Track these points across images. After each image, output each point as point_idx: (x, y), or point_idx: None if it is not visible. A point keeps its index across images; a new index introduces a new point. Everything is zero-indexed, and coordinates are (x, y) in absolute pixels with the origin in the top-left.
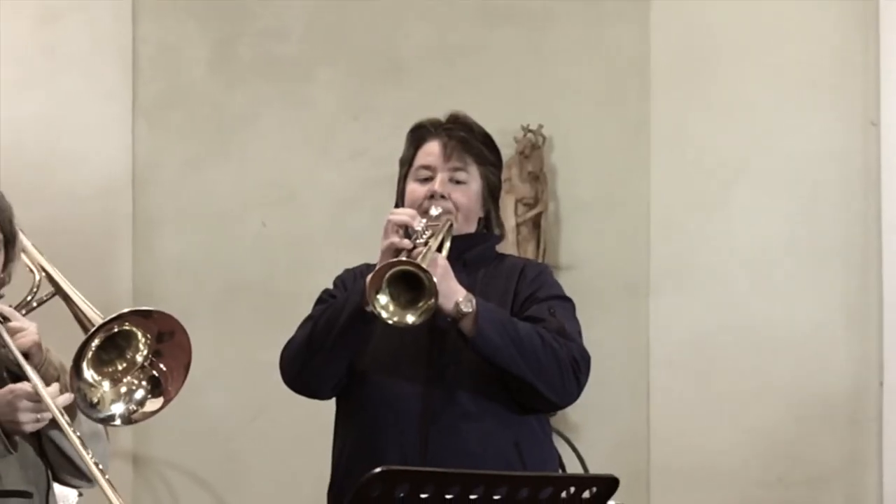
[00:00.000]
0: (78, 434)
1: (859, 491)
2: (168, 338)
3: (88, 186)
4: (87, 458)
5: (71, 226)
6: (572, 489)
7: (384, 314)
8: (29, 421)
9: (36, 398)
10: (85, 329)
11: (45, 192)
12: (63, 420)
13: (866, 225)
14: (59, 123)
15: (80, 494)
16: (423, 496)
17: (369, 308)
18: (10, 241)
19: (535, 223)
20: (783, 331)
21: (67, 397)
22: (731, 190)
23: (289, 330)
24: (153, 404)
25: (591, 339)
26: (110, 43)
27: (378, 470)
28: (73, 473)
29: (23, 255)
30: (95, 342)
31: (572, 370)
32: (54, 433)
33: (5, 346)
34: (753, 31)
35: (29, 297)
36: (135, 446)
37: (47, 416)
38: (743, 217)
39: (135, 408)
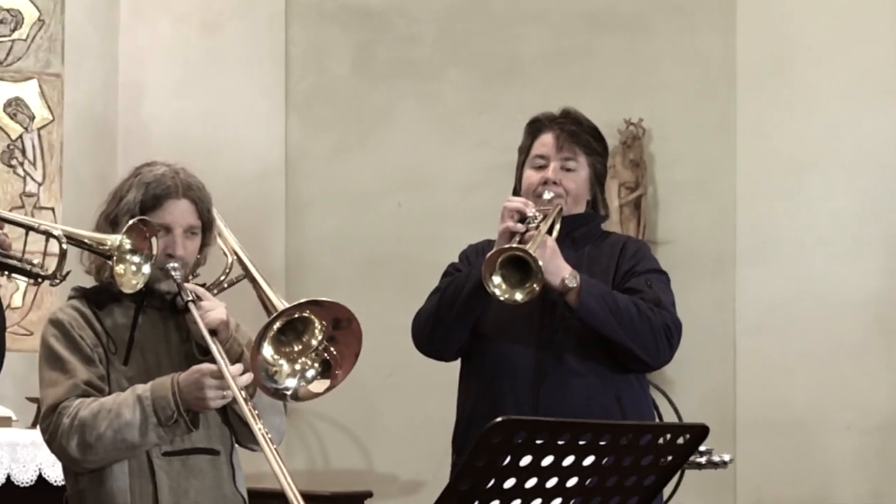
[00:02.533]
0: (256, 410)
1: None
2: (345, 325)
3: (247, 172)
4: (258, 431)
5: (231, 207)
6: (668, 436)
7: (497, 293)
8: (214, 398)
9: (220, 377)
10: (269, 312)
11: (209, 177)
12: (242, 398)
13: None
14: (221, 117)
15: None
16: (537, 442)
17: (487, 288)
18: (208, 227)
19: (636, 204)
20: (853, 296)
21: (248, 377)
22: (807, 174)
23: (420, 297)
24: (320, 385)
25: (685, 305)
26: (265, 47)
27: (499, 419)
28: (251, 440)
29: (218, 240)
30: (277, 325)
31: (665, 336)
32: (237, 405)
33: (195, 322)
34: (826, 36)
35: (221, 278)
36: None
37: (230, 393)
38: (817, 198)
39: (305, 384)
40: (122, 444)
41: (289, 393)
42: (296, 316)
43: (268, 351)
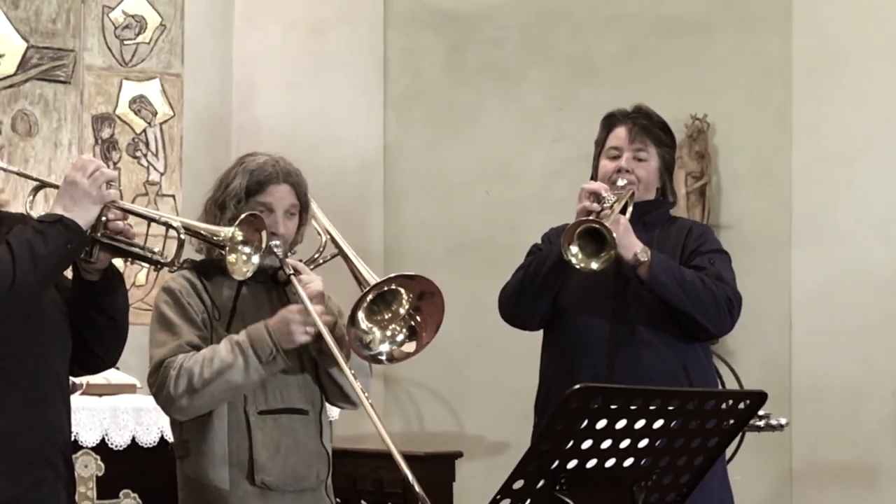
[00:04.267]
0: (350, 367)
1: None
2: (429, 297)
3: (349, 165)
4: (356, 384)
5: (335, 196)
6: (730, 401)
7: (574, 261)
8: (299, 332)
9: (305, 314)
10: (361, 286)
11: (315, 168)
12: (325, 330)
13: None
14: (326, 115)
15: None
16: (612, 407)
17: (565, 257)
18: (305, 209)
19: (701, 192)
20: None
21: (329, 318)
22: (856, 164)
23: (504, 276)
24: (409, 348)
25: (745, 283)
26: (366, 50)
27: (577, 386)
28: (340, 398)
29: (313, 221)
30: (369, 297)
31: (727, 307)
32: (328, 363)
33: (296, 293)
34: (875, 37)
35: (316, 255)
36: (385, 369)
37: (313, 329)
38: (867, 186)
39: (397, 346)
40: (227, 384)
41: (383, 357)
42: (385, 289)
43: (362, 321)
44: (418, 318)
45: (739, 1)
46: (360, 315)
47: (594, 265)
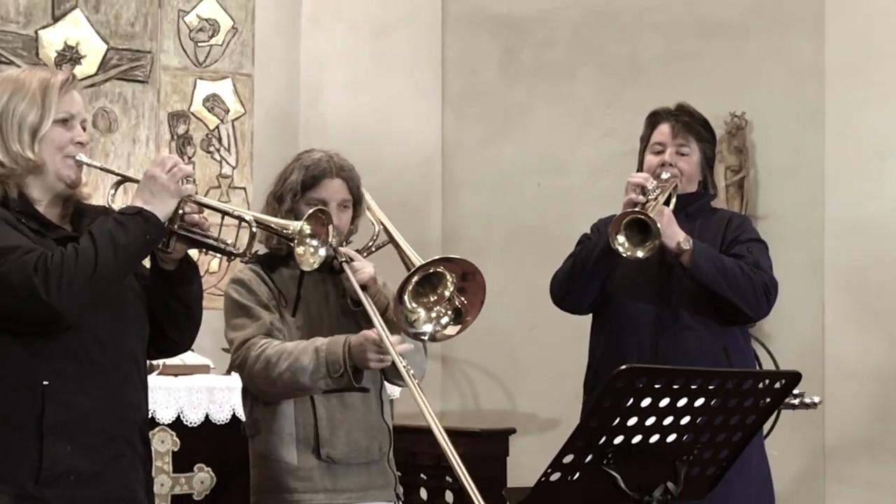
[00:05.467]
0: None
1: None
2: (470, 276)
3: (409, 159)
4: (403, 370)
5: (397, 188)
6: (766, 381)
7: (621, 250)
8: (374, 361)
9: (380, 344)
10: (409, 269)
11: (378, 163)
12: (400, 362)
13: None
14: (388, 112)
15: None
16: (656, 386)
17: (612, 246)
18: (358, 202)
19: (740, 185)
20: None
21: (406, 347)
22: (886, 158)
23: (556, 263)
24: (453, 329)
25: (781, 270)
26: (425, 51)
27: (623, 367)
28: (398, 377)
29: (367, 212)
30: (415, 279)
31: (764, 293)
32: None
33: (349, 280)
34: None
35: (369, 244)
36: (443, 350)
37: (388, 359)
38: (895, 178)
39: (440, 329)
40: (296, 384)
41: (426, 337)
42: (430, 271)
43: (408, 301)
44: (463, 298)
45: (774, 4)
46: (407, 296)
47: (640, 254)
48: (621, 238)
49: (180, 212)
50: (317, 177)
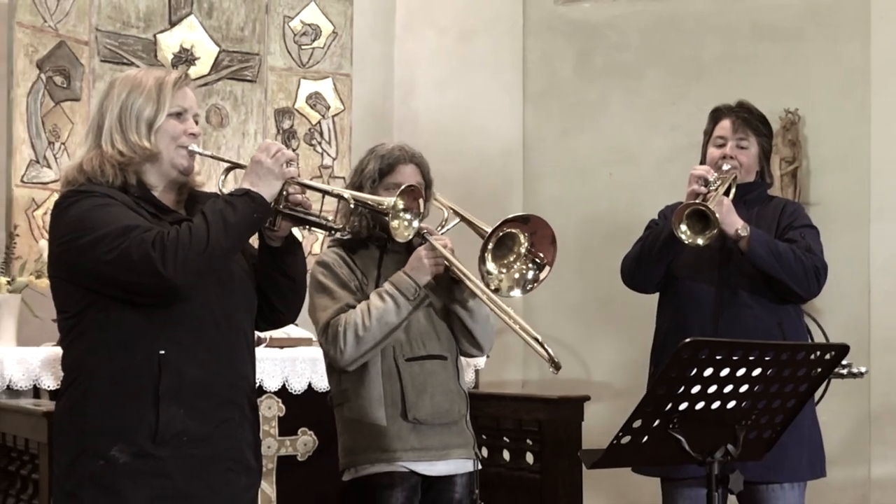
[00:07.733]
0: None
1: None
2: (540, 229)
3: (493, 152)
4: (493, 300)
5: (481, 177)
6: (817, 352)
7: (683, 237)
8: (431, 264)
9: (432, 249)
10: (482, 237)
11: (463, 155)
12: (452, 257)
13: None
14: (473, 108)
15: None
16: (717, 358)
17: (675, 234)
18: (429, 186)
19: (793, 175)
20: None
21: (449, 243)
22: None
23: (626, 246)
24: (542, 274)
25: (831, 252)
26: (507, 53)
27: (688, 340)
28: (472, 343)
29: (434, 201)
30: (490, 245)
31: (815, 275)
32: (461, 312)
33: (433, 248)
34: None
35: (438, 227)
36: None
37: (443, 260)
38: None
39: (530, 280)
40: (385, 326)
41: (518, 293)
42: (501, 234)
43: (491, 266)
44: (537, 250)
45: (825, 10)
46: (488, 261)
47: (700, 241)
48: (683, 227)
49: (284, 193)
50: (392, 164)
